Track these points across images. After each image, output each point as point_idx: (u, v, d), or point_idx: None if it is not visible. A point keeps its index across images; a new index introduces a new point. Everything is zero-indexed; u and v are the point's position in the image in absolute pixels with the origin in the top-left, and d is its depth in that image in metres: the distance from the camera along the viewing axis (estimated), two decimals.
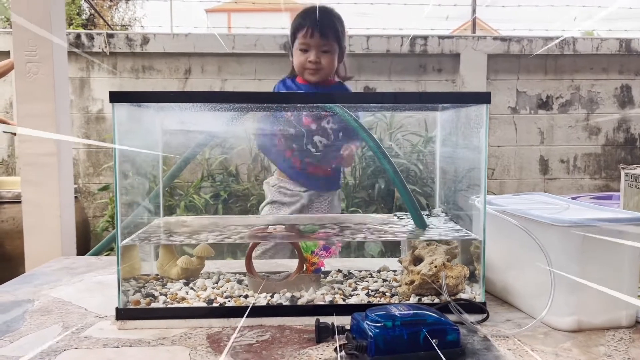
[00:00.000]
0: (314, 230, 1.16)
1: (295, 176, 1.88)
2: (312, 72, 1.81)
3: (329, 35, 1.78)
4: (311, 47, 1.78)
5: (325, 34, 1.78)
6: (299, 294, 1.01)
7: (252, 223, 1.24)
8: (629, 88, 4.06)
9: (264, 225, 1.18)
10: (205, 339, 0.90)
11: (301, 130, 1.79)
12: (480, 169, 1.00)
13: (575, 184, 4.09)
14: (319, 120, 1.80)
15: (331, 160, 1.85)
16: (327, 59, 1.80)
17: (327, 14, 1.82)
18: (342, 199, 2.10)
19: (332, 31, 1.80)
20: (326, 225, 1.22)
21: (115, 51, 3.76)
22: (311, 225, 1.22)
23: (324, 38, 1.78)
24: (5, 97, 3.77)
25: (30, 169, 1.79)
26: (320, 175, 1.89)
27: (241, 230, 1.14)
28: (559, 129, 4.05)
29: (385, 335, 0.79)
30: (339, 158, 1.84)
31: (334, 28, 1.80)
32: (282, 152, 1.87)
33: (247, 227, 1.18)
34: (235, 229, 1.15)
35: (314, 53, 1.78)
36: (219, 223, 1.25)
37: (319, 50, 1.79)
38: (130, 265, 1.06)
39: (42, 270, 1.38)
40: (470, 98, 1.04)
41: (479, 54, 3.91)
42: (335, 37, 1.81)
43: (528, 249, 0.96)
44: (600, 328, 0.94)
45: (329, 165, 1.86)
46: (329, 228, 1.19)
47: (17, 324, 0.97)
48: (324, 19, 1.80)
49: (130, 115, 1.01)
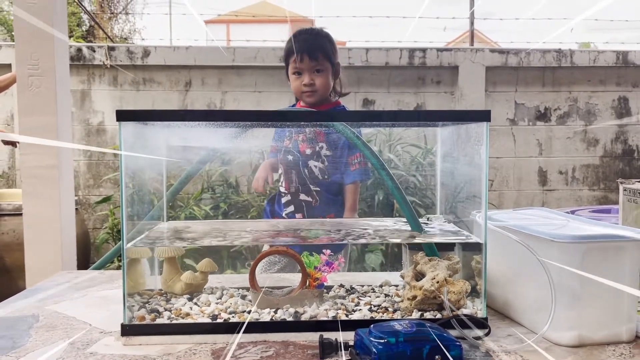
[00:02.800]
0: (318, 235, 1.18)
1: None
2: (309, 95, 1.84)
3: (318, 56, 1.82)
4: (304, 70, 1.82)
5: (315, 55, 1.81)
6: (302, 310, 1.02)
7: (254, 228, 1.25)
8: (626, 100, 4.09)
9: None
10: (210, 354, 0.91)
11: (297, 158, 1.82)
12: (481, 185, 1.01)
13: (574, 195, 4.11)
14: (314, 145, 1.82)
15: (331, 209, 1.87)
16: (320, 80, 1.83)
17: (314, 35, 1.87)
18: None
19: (322, 51, 1.83)
20: (331, 231, 1.24)
21: (117, 64, 3.79)
22: (316, 230, 1.24)
23: (314, 59, 1.82)
24: (6, 110, 3.79)
25: (31, 181, 1.80)
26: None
27: (243, 236, 1.16)
28: (557, 140, 4.08)
29: (389, 351, 0.80)
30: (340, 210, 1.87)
31: (322, 48, 1.84)
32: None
33: (248, 232, 1.19)
34: (238, 234, 1.17)
35: (307, 76, 1.82)
36: (221, 229, 1.26)
37: (312, 72, 1.82)
38: (135, 280, 1.07)
39: (46, 284, 1.39)
40: (471, 116, 1.05)
41: (477, 66, 3.94)
42: (326, 56, 1.84)
43: (529, 265, 0.97)
44: (601, 343, 0.94)
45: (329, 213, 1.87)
46: (334, 233, 1.21)
47: (23, 339, 0.98)
48: (312, 40, 1.85)
49: (135, 131, 1.02)
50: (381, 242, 2.69)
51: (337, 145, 1.84)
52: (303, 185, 1.82)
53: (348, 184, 1.86)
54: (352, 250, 3.00)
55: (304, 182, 1.82)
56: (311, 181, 1.82)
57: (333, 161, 1.84)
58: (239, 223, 1.38)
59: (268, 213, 1.98)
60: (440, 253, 1.15)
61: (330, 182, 1.84)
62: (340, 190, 1.88)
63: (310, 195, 1.83)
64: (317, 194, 1.82)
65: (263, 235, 1.22)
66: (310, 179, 1.82)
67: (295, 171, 1.83)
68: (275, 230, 1.29)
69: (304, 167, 1.83)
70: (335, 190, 1.87)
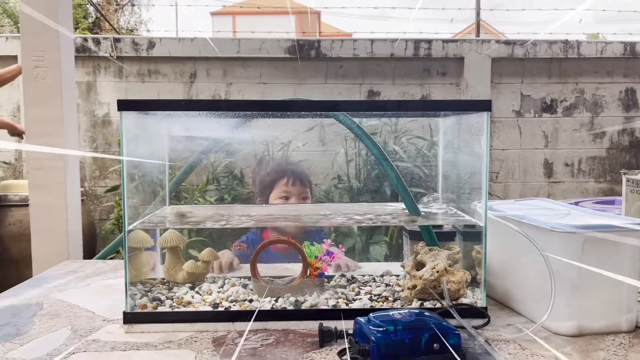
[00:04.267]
0: (316, 220, 1.18)
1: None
2: None
3: (306, 184, 1.96)
4: (292, 194, 1.90)
5: (304, 182, 1.94)
6: (303, 299, 1.03)
7: (256, 213, 1.26)
8: (633, 91, 4.06)
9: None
10: (211, 342, 0.91)
11: None
12: (482, 175, 1.01)
13: (580, 187, 4.09)
14: None
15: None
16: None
17: (298, 166, 2.09)
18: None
19: (307, 181, 1.98)
20: (330, 215, 1.25)
21: (122, 55, 3.80)
22: (316, 215, 1.25)
23: (304, 186, 1.93)
24: (12, 102, 3.81)
25: (38, 172, 1.81)
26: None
27: (245, 221, 1.17)
28: (563, 132, 4.06)
29: (387, 339, 0.80)
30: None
31: (307, 178, 1.99)
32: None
33: (250, 218, 1.20)
34: (240, 219, 1.17)
35: (294, 200, 1.90)
36: (223, 213, 1.27)
37: (300, 198, 1.91)
38: (137, 269, 1.08)
39: (51, 273, 1.41)
40: (471, 106, 1.05)
41: (483, 57, 3.92)
42: (310, 186, 1.99)
43: (529, 254, 0.97)
44: (600, 333, 0.95)
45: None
46: (334, 218, 1.23)
47: (27, 327, 0.99)
48: (299, 170, 2.00)
49: (137, 122, 1.03)
50: (375, 224, 2.68)
51: None
52: None
53: None
54: (356, 242, 3.01)
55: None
56: None
57: None
58: (242, 208, 1.39)
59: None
60: (440, 243, 1.16)
61: None
62: None
63: None
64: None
65: (265, 219, 1.23)
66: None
67: None
68: (277, 215, 1.30)
69: None
70: None
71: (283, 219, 1.27)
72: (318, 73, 3.91)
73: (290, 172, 1.96)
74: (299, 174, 1.96)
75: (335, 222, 1.23)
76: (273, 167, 2.07)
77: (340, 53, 3.87)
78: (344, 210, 1.29)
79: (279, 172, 1.99)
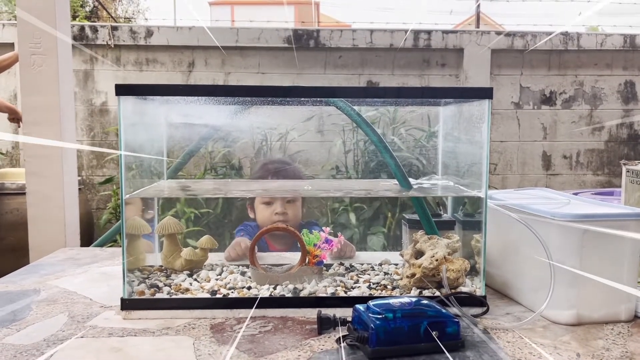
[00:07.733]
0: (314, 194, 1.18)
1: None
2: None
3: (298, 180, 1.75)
4: (276, 198, 1.67)
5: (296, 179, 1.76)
6: (302, 286, 1.03)
7: (255, 188, 1.26)
8: (632, 84, 4.05)
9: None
10: (209, 329, 0.91)
11: None
12: (482, 164, 1.01)
13: (578, 179, 4.09)
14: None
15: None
16: (292, 209, 1.69)
17: (285, 164, 1.84)
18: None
19: (300, 178, 1.80)
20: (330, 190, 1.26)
21: (119, 44, 3.77)
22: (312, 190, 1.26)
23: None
24: (9, 89, 3.79)
25: (35, 160, 1.80)
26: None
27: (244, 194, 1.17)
28: (562, 124, 4.05)
29: (386, 326, 0.80)
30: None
31: (300, 176, 1.83)
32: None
33: (250, 192, 1.20)
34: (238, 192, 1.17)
35: (279, 204, 1.67)
36: (221, 188, 1.27)
37: (284, 201, 1.68)
38: (135, 256, 1.07)
39: (48, 260, 1.40)
40: (472, 93, 1.04)
41: (483, 48, 3.91)
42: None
43: (528, 243, 0.97)
44: (600, 322, 0.94)
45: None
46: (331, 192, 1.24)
47: (24, 313, 0.99)
48: (289, 167, 1.81)
49: (135, 108, 1.02)
50: (368, 196, 2.68)
51: None
52: None
53: None
54: (354, 233, 3.01)
55: None
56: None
57: None
58: (239, 183, 1.38)
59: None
60: (440, 232, 1.15)
61: None
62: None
63: None
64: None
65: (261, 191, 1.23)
66: None
67: None
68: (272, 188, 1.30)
69: None
70: None
71: (281, 191, 1.25)
72: (317, 63, 3.89)
73: (273, 172, 1.74)
74: (288, 174, 1.77)
75: (331, 194, 1.23)
76: (260, 166, 1.84)
77: (339, 43, 3.85)
78: (338, 187, 1.30)
79: (261, 172, 1.80)
